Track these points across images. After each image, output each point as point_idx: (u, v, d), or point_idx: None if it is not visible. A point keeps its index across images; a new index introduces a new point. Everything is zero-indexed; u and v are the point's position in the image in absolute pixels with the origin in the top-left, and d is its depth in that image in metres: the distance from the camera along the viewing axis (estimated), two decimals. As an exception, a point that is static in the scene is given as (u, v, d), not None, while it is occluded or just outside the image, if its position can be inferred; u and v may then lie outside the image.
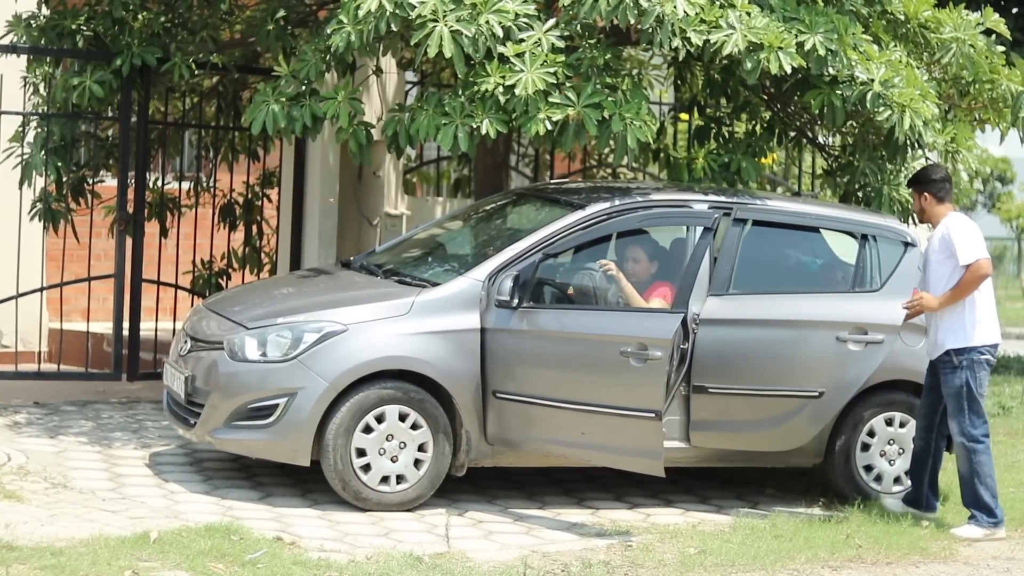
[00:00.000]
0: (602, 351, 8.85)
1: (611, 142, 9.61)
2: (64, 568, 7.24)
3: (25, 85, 11.86)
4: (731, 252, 9.53)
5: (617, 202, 9.56)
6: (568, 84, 9.53)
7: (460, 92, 9.63)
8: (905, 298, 9.41)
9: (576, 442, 8.99)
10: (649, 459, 8.78)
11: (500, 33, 9.50)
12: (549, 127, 9.41)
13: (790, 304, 9.58)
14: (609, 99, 9.50)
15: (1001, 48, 11.49)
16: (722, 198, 9.83)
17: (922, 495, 9.55)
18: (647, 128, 9.51)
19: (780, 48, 9.62)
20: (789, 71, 9.68)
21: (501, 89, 9.41)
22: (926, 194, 9.44)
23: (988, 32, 11.48)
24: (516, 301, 9.03)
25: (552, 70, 9.44)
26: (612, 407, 8.77)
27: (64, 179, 11.88)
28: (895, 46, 10.64)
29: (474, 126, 9.52)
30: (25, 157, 11.65)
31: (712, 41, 9.60)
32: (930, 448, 9.49)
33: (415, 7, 9.49)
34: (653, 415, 8.66)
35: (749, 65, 9.66)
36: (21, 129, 11.79)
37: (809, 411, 9.50)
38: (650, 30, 9.53)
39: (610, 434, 8.83)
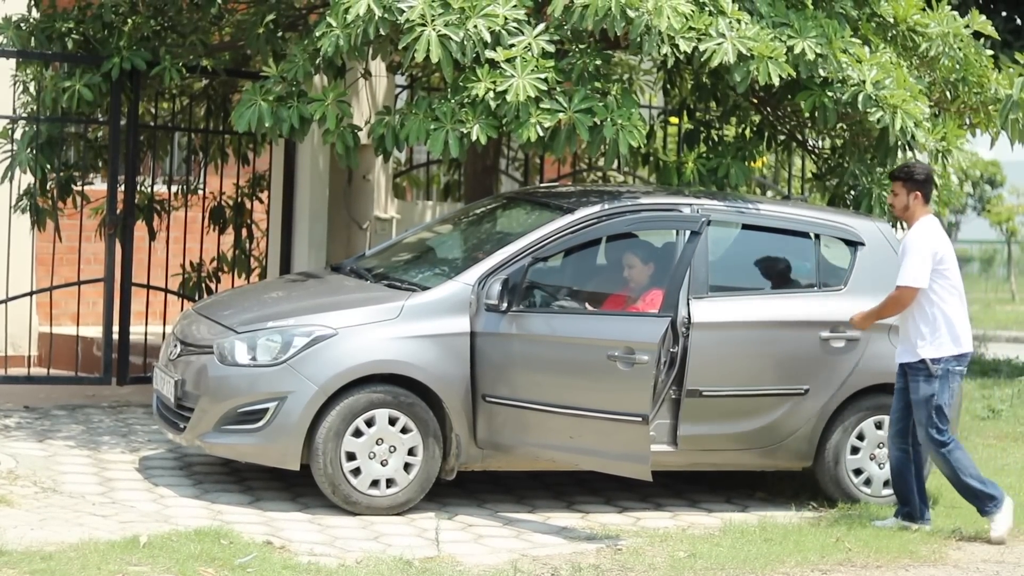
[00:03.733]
0: (590, 355, 8.85)
1: (602, 147, 9.61)
2: (54, 572, 7.24)
3: (14, 86, 11.83)
4: (702, 255, 9.55)
5: (606, 206, 9.57)
6: (559, 89, 9.54)
7: (450, 97, 9.63)
8: (868, 296, 9.50)
9: (565, 446, 9.00)
10: (636, 463, 8.78)
11: (488, 38, 9.49)
12: (541, 132, 9.40)
13: (771, 304, 9.66)
14: (600, 104, 9.51)
15: (990, 52, 11.50)
16: (713, 202, 9.85)
17: (915, 508, 9.36)
18: (638, 133, 9.52)
19: (770, 58, 9.62)
20: (778, 81, 9.69)
21: (492, 94, 9.41)
22: (917, 193, 9.33)
23: (977, 35, 11.50)
24: (505, 305, 9.04)
25: (543, 75, 9.43)
26: (600, 411, 8.77)
27: (49, 179, 11.85)
28: (884, 48, 10.65)
29: (464, 131, 9.51)
30: (11, 153, 11.61)
31: (701, 50, 9.60)
32: (909, 455, 9.33)
33: (403, 11, 9.49)
34: (640, 419, 8.66)
35: (739, 77, 9.67)
36: (9, 127, 11.76)
37: (796, 409, 9.55)
38: (638, 39, 9.53)
39: (598, 438, 8.83)
